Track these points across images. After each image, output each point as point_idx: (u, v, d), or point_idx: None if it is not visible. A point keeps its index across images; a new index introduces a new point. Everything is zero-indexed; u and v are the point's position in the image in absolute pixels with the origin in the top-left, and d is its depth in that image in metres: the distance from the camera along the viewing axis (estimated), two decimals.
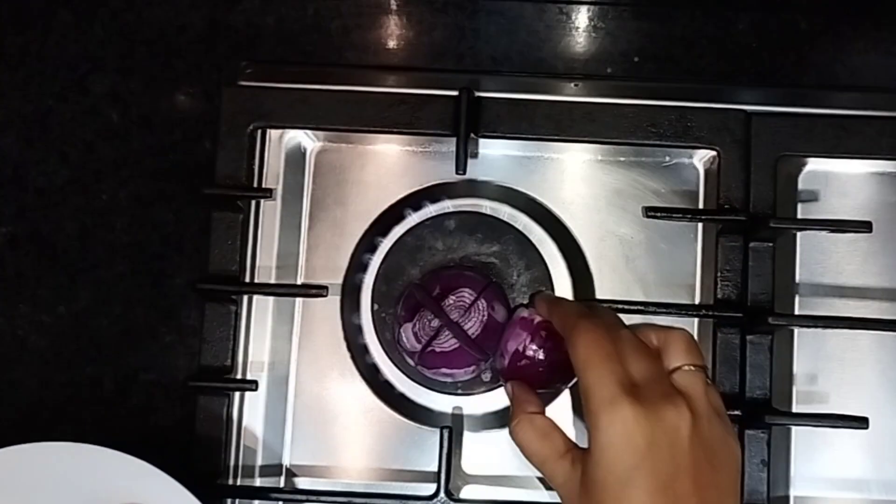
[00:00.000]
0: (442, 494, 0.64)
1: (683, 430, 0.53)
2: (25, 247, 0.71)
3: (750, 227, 0.66)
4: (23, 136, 0.72)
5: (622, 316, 0.67)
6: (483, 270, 0.68)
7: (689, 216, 0.68)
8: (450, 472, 0.65)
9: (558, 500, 0.65)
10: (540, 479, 0.68)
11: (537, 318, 0.62)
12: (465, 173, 0.66)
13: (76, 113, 0.72)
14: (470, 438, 0.69)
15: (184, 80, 0.72)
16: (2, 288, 0.71)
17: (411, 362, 0.67)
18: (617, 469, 0.52)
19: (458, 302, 0.65)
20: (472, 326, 0.64)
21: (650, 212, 0.66)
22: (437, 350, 0.65)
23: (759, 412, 0.64)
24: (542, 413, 0.59)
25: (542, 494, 0.68)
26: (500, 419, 0.69)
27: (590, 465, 0.53)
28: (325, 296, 0.66)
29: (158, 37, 0.73)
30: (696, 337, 0.68)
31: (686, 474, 0.53)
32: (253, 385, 0.65)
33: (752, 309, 0.65)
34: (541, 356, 0.62)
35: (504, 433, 0.68)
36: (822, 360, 0.69)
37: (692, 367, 0.56)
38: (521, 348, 0.62)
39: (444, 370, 0.66)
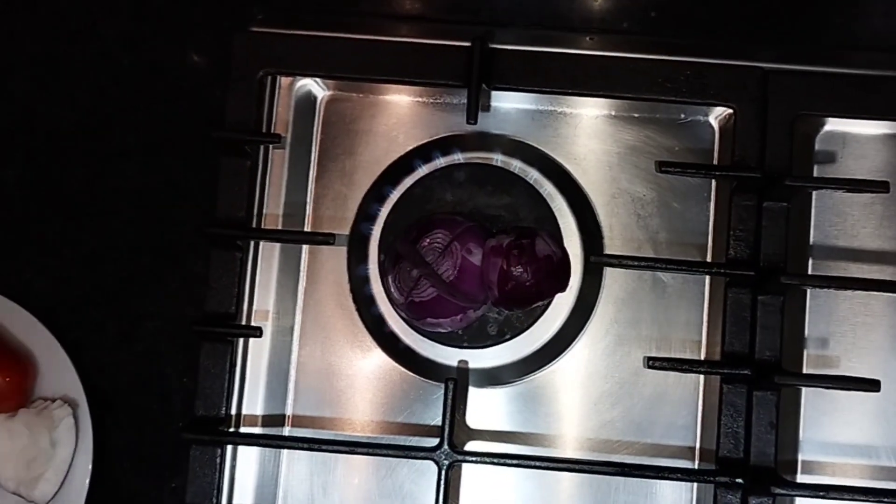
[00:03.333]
0: (445, 446, 0.63)
1: None
2: (33, 190, 0.71)
3: (764, 186, 0.65)
4: (32, 78, 0.72)
5: (631, 272, 0.67)
6: (478, 218, 0.67)
7: (703, 172, 0.67)
8: (454, 424, 0.64)
9: (561, 455, 0.66)
10: (547, 435, 0.68)
11: (506, 241, 0.63)
12: (475, 123, 0.66)
13: (87, 57, 0.72)
14: (475, 394, 0.68)
15: (196, 26, 0.72)
16: (8, 230, 0.70)
17: (403, 314, 0.66)
18: None
19: (433, 244, 0.64)
20: (447, 270, 0.64)
21: (663, 167, 0.65)
22: (417, 300, 0.64)
23: (769, 373, 0.63)
24: None
25: (546, 450, 0.67)
26: (505, 374, 0.68)
27: None
28: (332, 243, 0.65)
29: None
30: (707, 297, 0.68)
31: None
32: (257, 331, 0.65)
33: (764, 268, 0.64)
34: (524, 273, 0.62)
35: (509, 389, 0.68)
36: (835, 323, 0.68)
37: None
38: (502, 274, 0.62)
39: (429, 319, 0.65)
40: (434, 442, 0.65)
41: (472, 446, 0.68)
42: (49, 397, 0.67)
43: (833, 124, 0.69)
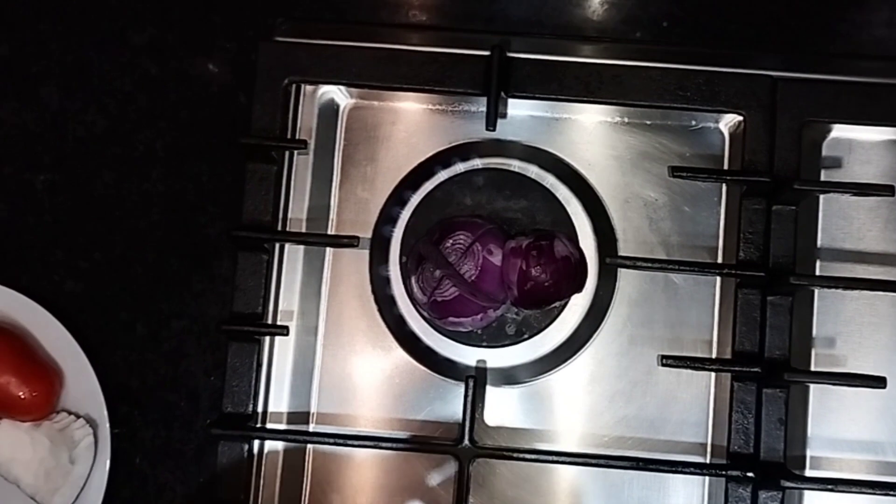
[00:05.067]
0: (466, 442, 0.65)
1: None
2: (63, 194, 0.73)
3: (773, 190, 0.67)
4: (63, 86, 0.74)
5: (644, 274, 0.68)
6: (497, 221, 0.69)
7: (715, 177, 0.69)
8: (474, 419, 0.66)
9: (578, 451, 0.68)
10: (562, 432, 0.70)
11: (525, 242, 0.65)
12: (494, 130, 0.68)
13: (116, 65, 0.74)
14: (492, 392, 0.70)
15: (221, 35, 0.74)
16: (40, 233, 0.72)
17: (425, 314, 0.68)
18: None
19: (456, 245, 0.66)
20: (469, 270, 0.66)
21: (676, 172, 0.68)
22: (440, 299, 0.66)
23: (778, 370, 0.65)
24: None
25: (563, 446, 0.69)
26: (522, 373, 0.70)
27: None
28: (357, 246, 0.68)
29: None
30: (717, 298, 0.70)
31: None
32: (284, 330, 0.67)
33: (774, 270, 0.66)
34: (542, 273, 0.64)
35: (525, 387, 0.70)
36: (841, 323, 0.70)
37: None
38: (521, 274, 0.64)
39: (451, 319, 0.67)
40: (453, 437, 0.67)
41: (490, 443, 0.69)
42: (72, 411, 0.69)
43: (839, 130, 0.71)
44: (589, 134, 0.72)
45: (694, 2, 0.73)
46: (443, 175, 0.71)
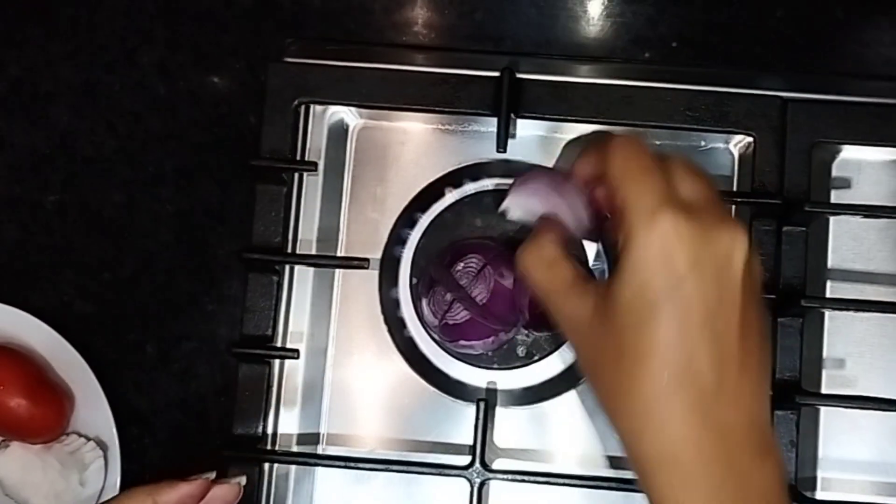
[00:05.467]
0: (477, 464, 0.65)
1: (737, 261, 0.45)
2: (73, 215, 0.73)
3: (784, 212, 0.67)
4: (72, 106, 0.74)
5: None
6: (511, 244, 0.69)
7: (726, 199, 0.69)
8: (485, 443, 0.66)
9: (593, 474, 0.68)
10: (571, 453, 0.70)
11: None
12: (505, 151, 0.68)
13: (124, 85, 0.74)
14: (502, 413, 0.70)
15: (230, 54, 0.74)
16: (49, 254, 0.72)
17: (436, 336, 0.68)
18: (649, 291, 0.45)
19: (467, 268, 0.66)
20: (480, 293, 0.66)
21: None
22: (451, 322, 0.66)
23: (790, 393, 0.65)
24: (558, 243, 0.54)
25: (573, 468, 0.69)
26: (532, 395, 0.70)
27: (614, 289, 0.46)
28: (367, 268, 0.68)
29: (206, 12, 0.74)
30: None
31: (732, 312, 0.45)
32: (295, 353, 0.67)
33: (784, 291, 0.66)
34: None
35: (535, 408, 0.70)
36: (852, 344, 0.70)
37: None
38: (533, 298, 0.63)
39: (462, 342, 0.67)
40: (464, 459, 0.67)
41: (499, 464, 0.70)
42: (82, 433, 0.69)
43: (849, 151, 0.71)
44: None
45: (703, 22, 0.73)
46: (453, 196, 0.71)
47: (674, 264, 0.45)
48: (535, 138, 0.72)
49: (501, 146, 0.68)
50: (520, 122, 0.71)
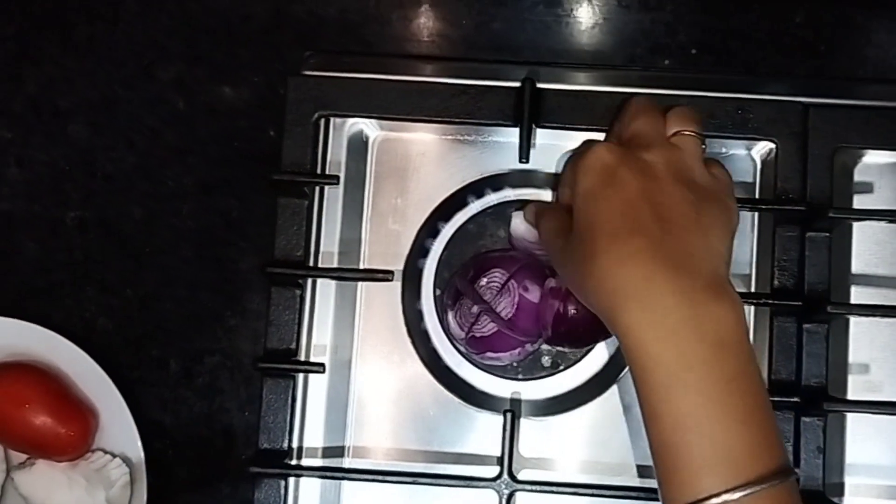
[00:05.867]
0: (505, 476, 0.65)
1: (660, 166, 0.57)
2: (94, 231, 0.73)
3: (807, 218, 0.67)
4: (91, 122, 0.74)
5: None
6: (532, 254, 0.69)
7: (749, 206, 0.69)
8: (512, 454, 0.66)
9: (616, 483, 0.68)
10: (595, 464, 0.70)
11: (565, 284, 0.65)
12: (528, 162, 0.68)
13: (143, 100, 0.74)
14: (527, 423, 0.70)
15: (248, 68, 0.74)
16: (71, 271, 0.72)
17: (462, 348, 0.68)
18: (592, 188, 0.56)
19: (491, 283, 0.66)
20: (505, 308, 0.65)
21: None
22: (478, 335, 0.66)
23: (817, 400, 0.65)
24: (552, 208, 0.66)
25: (599, 478, 0.69)
26: (558, 405, 0.70)
27: (573, 205, 0.58)
28: (391, 280, 0.68)
29: (223, 26, 0.74)
30: (752, 325, 0.70)
31: (665, 190, 0.56)
32: (321, 367, 0.67)
33: (809, 297, 0.66)
34: (578, 315, 0.64)
35: (560, 418, 0.70)
36: (877, 349, 0.70)
37: (690, 133, 0.60)
38: (557, 316, 0.64)
39: (489, 354, 0.67)
40: (491, 471, 0.67)
41: (525, 475, 0.69)
42: (108, 450, 0.69)
43: (871, 155, 0.71)
44: None
45: (722, 29, 0.73)
46: (475, 206, 0.71)
47: (604, 165, 0.57)
48: (555, 147, 0.72)
49: (524, 156, 0.68)
50: (539, 131, 0.70)
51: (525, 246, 0.68)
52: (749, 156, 0.71)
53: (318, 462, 0.69)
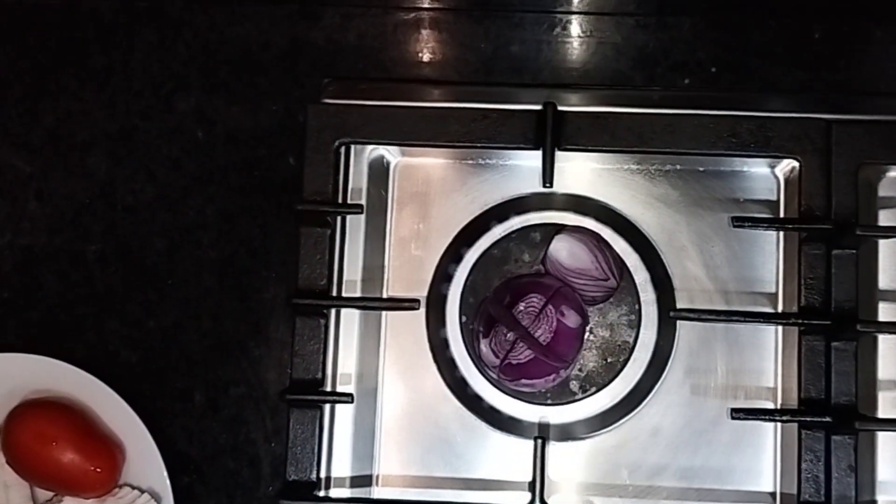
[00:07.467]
0: (537, 502, 0.65)
1: None
2: (115, 263, 0.72)
3: (833, 235, 0.67)
4: (110, 154, 0.73)
5: (707, 326, 0.68)
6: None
7: (776, 226, 0.69)
8: (543, 481, 0.65)
9: None
10: (624, 487, 0.69)
11: None
12: (551, 186, 0.67)
13: (162, 131, 0.73)
14: (555, 448, 0.70)
15: (266, 96, 0.73)
16: (93, 304, 0.72)
17: (494, 376, 0.68)
18: None
19: (528, 308, 0.66)
20: (543, 333, 0.65)
21: (737, 222, 0.67)
22: (514, 362, 0.66)
23: (849, 418, 0.64)
24: None
25: (628, 501, 0.69)
26: (586, 428, 0.70)
27: None
28: (417, 308, 0.67)
29: (241, 55, 0.74)
30: (780, 344, 0.69)
31: None
32: (349, 398, 0.66)
33: (837, 316, 0.66)
34: None
35: (588, 442, 0.69)
36: None
37: None
38: None
39: (523, 381, 0.67)
40: (520, 497, 0.66)
41: (555, 499, 0.69)
42: (135, 485, 0.68)
43: (895, 170, 0.70)
44: (641, 183, 0.72)
45: (741, 46, 0.73)
46: (498, 231, 0.70)
47: None
48: (576, 170, 0.72)
49: (548, 180, 0.67)
50: (560, 154, 0.70)
51: (561, 271, 0.67)
52: (772, 174, 0.71)
53: (346, 493, 0.68)
